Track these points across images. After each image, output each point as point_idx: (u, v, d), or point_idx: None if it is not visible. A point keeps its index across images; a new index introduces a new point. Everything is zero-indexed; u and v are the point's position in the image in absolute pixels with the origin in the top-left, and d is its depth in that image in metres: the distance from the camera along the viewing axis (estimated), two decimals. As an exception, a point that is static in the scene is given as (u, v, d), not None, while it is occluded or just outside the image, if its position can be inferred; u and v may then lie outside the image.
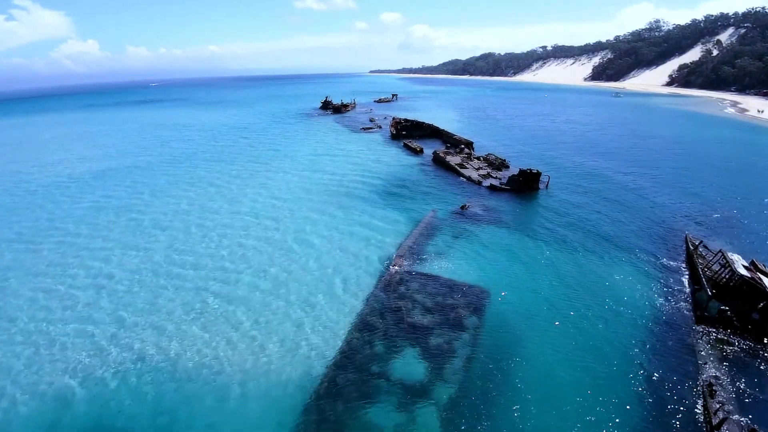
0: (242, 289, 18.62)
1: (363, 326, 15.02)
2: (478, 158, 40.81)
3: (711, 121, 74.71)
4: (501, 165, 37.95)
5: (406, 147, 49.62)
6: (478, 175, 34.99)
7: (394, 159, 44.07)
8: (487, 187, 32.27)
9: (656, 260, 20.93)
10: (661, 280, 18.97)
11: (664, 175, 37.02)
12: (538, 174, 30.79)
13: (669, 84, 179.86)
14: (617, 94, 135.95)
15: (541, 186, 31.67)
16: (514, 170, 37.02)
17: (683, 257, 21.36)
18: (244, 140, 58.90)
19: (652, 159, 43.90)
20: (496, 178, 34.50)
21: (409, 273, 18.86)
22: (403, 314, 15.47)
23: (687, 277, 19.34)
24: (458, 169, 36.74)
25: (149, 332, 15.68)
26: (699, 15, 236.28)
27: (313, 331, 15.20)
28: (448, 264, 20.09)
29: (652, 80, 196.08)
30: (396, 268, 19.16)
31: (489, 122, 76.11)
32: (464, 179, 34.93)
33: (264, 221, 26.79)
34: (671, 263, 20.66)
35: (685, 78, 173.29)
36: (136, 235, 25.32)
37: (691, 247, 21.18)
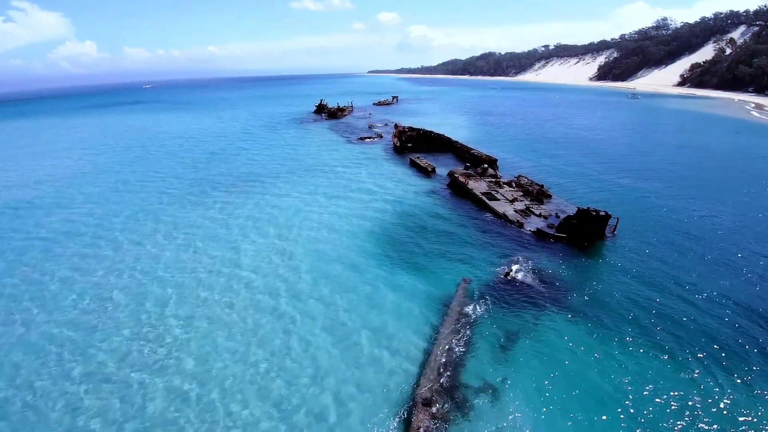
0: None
1: None
2: (508, 183, 31.88)
3: (748, 128, 65.96)
4: (540, 194, 28.89)
5: (414, 165, 40.78)
6: (515, 212, 26.11)
7: (399, 184, 35.04)
8: (533, 233, 23.40)
9: None
10: None
11: (742, 206, 27.84)
12: (607, 217, 21.87)
13: (681, 84, 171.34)
14: (634, 95, 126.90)
15: (607, 231, 22.88)
16: (558, 202, 28.21)
17: None
18: (206, 164, 50.03)
19: (708, 179, 35.09)
20: (539, 216, 25.54)
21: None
22: None
23: None
24: (486, 201, 27.79)
25: None
26: (696, 15, 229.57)
27: None
28: (510, 418, 11.36)
29: (662, 80, 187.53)
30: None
31: (503, 129, 67.30)
32: (496, 217, 26.08)
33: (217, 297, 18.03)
34: None
35: (698, 78, 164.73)
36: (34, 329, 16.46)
37: None
